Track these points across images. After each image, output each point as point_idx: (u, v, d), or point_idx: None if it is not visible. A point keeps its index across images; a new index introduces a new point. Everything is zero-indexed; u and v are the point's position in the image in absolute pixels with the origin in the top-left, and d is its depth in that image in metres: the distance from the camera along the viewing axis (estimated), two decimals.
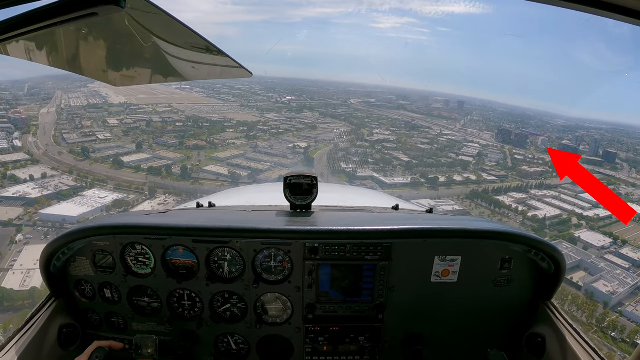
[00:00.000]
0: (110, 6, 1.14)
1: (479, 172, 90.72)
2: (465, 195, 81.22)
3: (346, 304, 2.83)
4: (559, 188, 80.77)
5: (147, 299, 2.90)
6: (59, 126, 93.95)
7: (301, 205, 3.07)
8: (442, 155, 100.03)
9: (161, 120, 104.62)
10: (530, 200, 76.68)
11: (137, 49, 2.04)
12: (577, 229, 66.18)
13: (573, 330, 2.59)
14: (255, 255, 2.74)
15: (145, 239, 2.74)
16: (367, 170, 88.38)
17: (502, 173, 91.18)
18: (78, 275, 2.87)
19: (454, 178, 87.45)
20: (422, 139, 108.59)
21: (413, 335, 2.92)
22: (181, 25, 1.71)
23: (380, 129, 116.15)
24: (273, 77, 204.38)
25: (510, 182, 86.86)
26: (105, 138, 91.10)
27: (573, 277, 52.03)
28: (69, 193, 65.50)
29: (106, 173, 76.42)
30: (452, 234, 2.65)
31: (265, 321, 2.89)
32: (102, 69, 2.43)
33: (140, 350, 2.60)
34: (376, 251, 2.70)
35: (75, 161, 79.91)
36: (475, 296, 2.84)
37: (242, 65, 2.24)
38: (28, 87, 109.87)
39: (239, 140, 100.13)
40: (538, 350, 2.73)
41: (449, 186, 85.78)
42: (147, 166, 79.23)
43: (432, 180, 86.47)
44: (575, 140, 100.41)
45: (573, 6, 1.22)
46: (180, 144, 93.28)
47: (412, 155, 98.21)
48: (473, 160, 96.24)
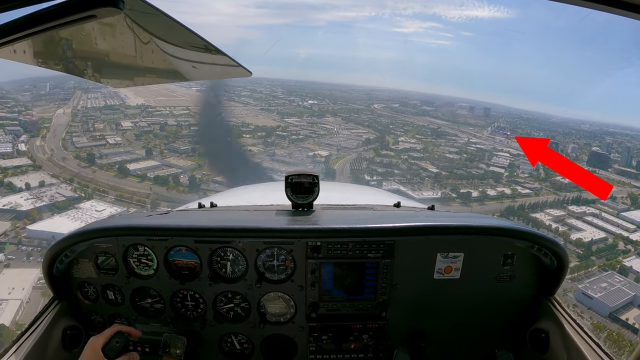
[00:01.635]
0: (108, 8, 1.13)
1: (512, 185, 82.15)
2: (500, 213, 71.51)
3: (349, 302, 2.79)
4: (597, 204, 73.16)
5: (150, 300, 2.85)
6: (71, 128, 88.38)
7: (303, 204, 2.98)
8: (471, 165, 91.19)
9: (176, 123, 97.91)
10: (569, 218, 68.39)
11: (136, 50, 2.01)
12: (625, 256, 58.19)
13: (577, 325, 2.54)
14: (258, 254, 2.71)
15: (147, 240, 2.69)
16: (393, 182, 79.06)
17: (536, 185, 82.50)
18: (81, 277, 2.83)
19: (487, 192, 78.69)
20: (449, 148, 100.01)
21: (416, 333, 2.87)
22: (180, 25, 1.68)
23: (406, 136, 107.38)
24: (295, 80, 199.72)
25: (545, 194, 78.80)
26: (115, 142, 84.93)
27: (628, 318, 44.70)
28: (64, 205, 58.40)
29: (109, 182, 69.10)
30: (454, 231, 2.62)
31: (268, 320, 2.85)
32: (100, 71, 2.36)
33: (168, 348, 2.52)
34: (378, 249, 2.67)
35: (80, 167, 73.50)
36: (478, 292, 2.79)
37: (242, 65, 2.17)
38: (50, 85, 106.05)
39: (255, 147, 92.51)
40: (542, 346, 2.68)
41: (481, 201, 76.84)
42: (153, 175, 71.75)
43: (464, 195, 77.30)
44: (606, 148, 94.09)
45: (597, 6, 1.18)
46: (192, 150, 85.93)
47: (440, 165, 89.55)
48: (505, 171, 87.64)
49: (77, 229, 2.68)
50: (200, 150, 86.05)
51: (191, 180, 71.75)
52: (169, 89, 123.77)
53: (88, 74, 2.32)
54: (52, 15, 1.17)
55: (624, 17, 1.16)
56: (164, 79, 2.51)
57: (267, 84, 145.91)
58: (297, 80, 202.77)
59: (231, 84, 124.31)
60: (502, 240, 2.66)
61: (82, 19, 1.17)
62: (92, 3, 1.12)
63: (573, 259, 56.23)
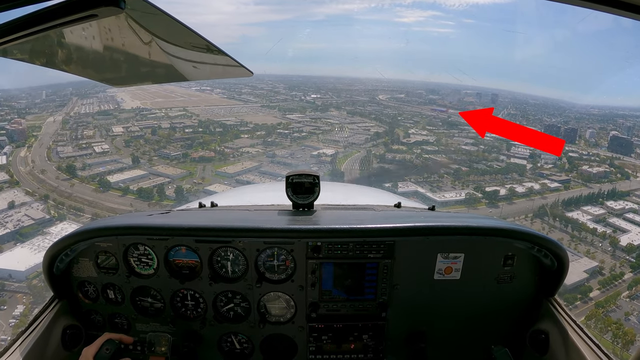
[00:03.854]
0: (109, 7, 1.10)
1: (539, 178, 72.51)
2: (533, 213, 61.68)
3: (349, 302, 2.75)
4: (632, 196, 64.02)
5: (150, 299, 2.81)
6: (58, 137, 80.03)
7: (303, 204, 2.94)
8: (491, 158, 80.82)
9: (169, 126, 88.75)
10: (610, 217, 58.14)
11: (137, 49, 2.00)
12: None
13: (576, 327, 2.51)
14: (258, 254, 2.67)
15: (147, 239, 2.67)
16: (409, 183, 68.70)
17: (563, 177, 72.83)
18: (81, 276, 2.80)
19: (515, 189, 68.18)
20: (463, 139, 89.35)
21: (416, 333, 2.83)
22: (181, 25, 1.67)
23: (416, 127, 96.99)
24: (297, 75, 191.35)
25: (575, 188, 68.91)
26: (102, 151, 75.96)
27: None
28: (29, 232, 48.66)
29: (88, 197, 59.97)
30: (455, 231, 2.57)
31: (268, 320, 2.81)
32: (101, 70, 2.36)
33: (153, 347, 2.45)
34: (379, 249, 2.63)
35: (59, 181, 64.23)
36: (478, 293, 2.76)
37: (243, 65, 2.16)
38: (46, 93, 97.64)
39: (254, 147, 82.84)
40: (542, 347, 2.65)
41: (510, 200, 66.51)
42: (137, 187, 62.09)
43: (491, 194, 66.80)
44: (626, 131, 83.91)
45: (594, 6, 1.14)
46: (184, 156, 76.47)
47: (458, 160, 79.21)
48: (527, 163, 77.79)
49: (77, 228, 2.64)
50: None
51: (178, 192, 62.74)
52: (168, 89, 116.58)
53: (88, 74, 2.27)
54: (53, 14, 1.14)
55: (624, 17, 1.12)
56: (164, 79, 2.45)
57: (268, 80, 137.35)
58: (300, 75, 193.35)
59: (231, 81, 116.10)
60: (502, 241, 2.62)
61: (83, 19, 1.14)
62: (93, 2, 1.09)
63: (626, 270, 45.85)
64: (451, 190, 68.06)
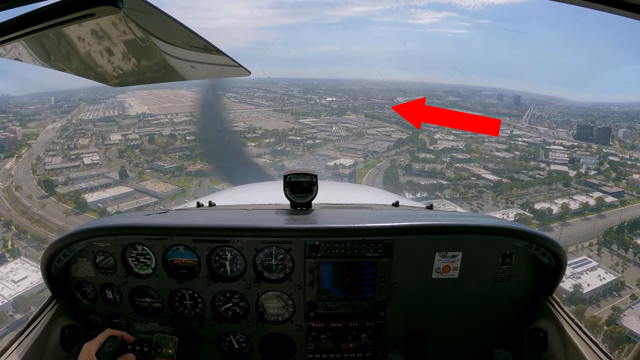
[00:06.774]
0: (107, 7, 1.07)
1: (587, 189, 60.61)
2: (597, 241, 48.65)
3: (347, 301, 2.69)
4: None
5: (149, 299, 2.75)
6: (51, 146, 70.47)
7: (301, 203, 2.90)
8: (530, 167, 68.56)
9: (169, 134, 78.06)
10: None
11: (135, 49, 1.95)
12: None
13: (575, 325, 2.46)
14: (256, 253, 2.61)
15: (145, 239, 2.60)
16: (444, 201, 56.40)
17: (615, 188, 60.37)
18: (79, 276, 2.73)
19: (568, 205, 55.27)
20: (495, 144, 77.33)
21: (415, 332, 2.78)
22: (178, 24, 1.63)
23: (441, 132, 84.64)
24: (313, 79, 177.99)
25: (633, 203, 56.99)
26: (91, 162, 65.98)
27: None
28: None
29: (59, 221, 48.77)
30: (453, 230, 2.52)
31: (267, 319, 2.75)
32: (98, 70, 2.27)
33: (160, 349, 2.42)
34: (377, 248, 2.57)
35: (33, 200, 53.65)
36: (476, 292, 2.70)
37: (240, 64, 2.12)
38: (55, 99, 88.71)
39: (261, 157, 70.35)
40: (540, 345, 2.59)
41: (563, 219, 53.53)
42: (117, 208, 50.50)
43: (542, 214, 53.96)
44: None
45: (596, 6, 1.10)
46: (179, 169, 65.70)
47: (495, 170, 66.86)
48: (570, 170, 66.32)
49: (75, 228, 2.58)
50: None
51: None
52: (180, 94, 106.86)
53: (85, 73, 2.22)
54: (50, 13, 1.10)
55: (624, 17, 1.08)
56: (162, 79, 2.39)
57: (283, 84, 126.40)
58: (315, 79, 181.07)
59: (244, 84, 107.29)
60: (500, 239, 2.58)
61: (80, 18, 1.10)
62: (90, 2, 1.06)
63: None
64: (494, 208, 55.17)
